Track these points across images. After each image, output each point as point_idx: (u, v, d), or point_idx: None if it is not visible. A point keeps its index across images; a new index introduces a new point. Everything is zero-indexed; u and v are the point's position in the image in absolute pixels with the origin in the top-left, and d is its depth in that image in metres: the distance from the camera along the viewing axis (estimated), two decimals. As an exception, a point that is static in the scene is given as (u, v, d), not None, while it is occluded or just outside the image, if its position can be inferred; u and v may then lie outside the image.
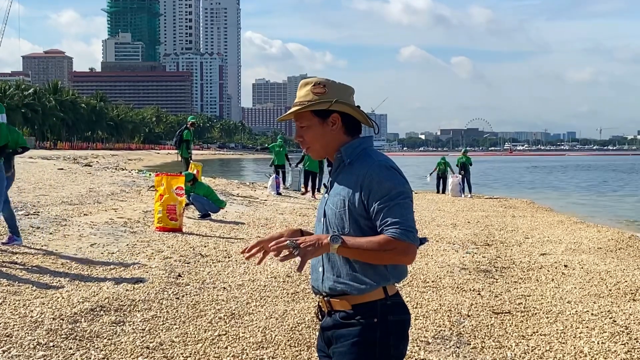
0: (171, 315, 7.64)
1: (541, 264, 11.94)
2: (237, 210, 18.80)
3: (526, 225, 18.17)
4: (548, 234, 16.27)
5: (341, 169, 3.16)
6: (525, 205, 26.14)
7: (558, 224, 18.90)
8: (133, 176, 32.32)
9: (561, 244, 14.62)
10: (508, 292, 9.59)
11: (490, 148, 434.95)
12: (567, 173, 71.50)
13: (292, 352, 6.62)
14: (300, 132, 3.19)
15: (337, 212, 3.07)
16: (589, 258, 12.68)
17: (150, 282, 9.13)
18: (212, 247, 12.33)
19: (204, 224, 15.53)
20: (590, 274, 11.05)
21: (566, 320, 8.09)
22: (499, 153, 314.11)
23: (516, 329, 7.70)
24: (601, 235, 16.13)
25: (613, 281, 10.48)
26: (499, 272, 11.16)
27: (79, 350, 6.30)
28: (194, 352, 6.47)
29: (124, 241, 12.29)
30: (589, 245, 14.39)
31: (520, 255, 12.97)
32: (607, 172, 72.21)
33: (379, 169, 3.02)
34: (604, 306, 8.82)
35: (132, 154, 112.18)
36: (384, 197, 2.96)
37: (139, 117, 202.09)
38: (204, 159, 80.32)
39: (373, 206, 2.98)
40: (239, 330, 7.26)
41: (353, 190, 3.04)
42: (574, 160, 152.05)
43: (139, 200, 19.56)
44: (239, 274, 10.08)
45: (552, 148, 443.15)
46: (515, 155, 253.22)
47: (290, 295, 8.92)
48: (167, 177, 14.48)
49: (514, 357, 6.70)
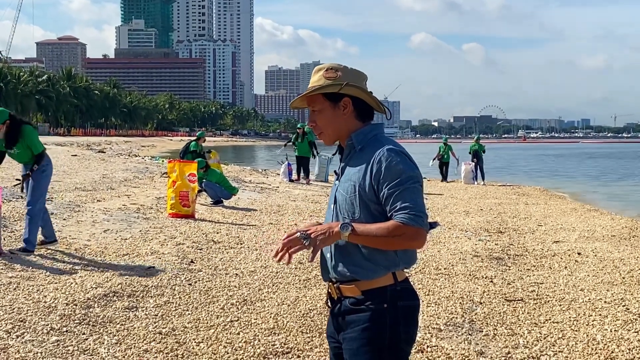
0: (184, 301, 7.67)
1: (554, 252, 11.90)
2: (250, 197, 18.82)
3: (539, 213, 18.09)
4: (561, 222, 16.21)
5: (352, 155, 3.16)
6: (539, 192, 26.03)
7: (571, 211, 18.82)
8: (146, 163, 32.40)
9: (574, 231, 14.56)
10: (521, 280, 9.56)
11: (503, 135, 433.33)
12: (581, 162, 71.20)
13: (303, 339, 6.63)
14: (313, 116, 3.20)
15: (348, 198, 3.07)
16: (602, 246, 12.63)
17: (162, 268, 9.16)
18: (225, 233, 12.36)
19: (216, 210, 15.56)
20: (603, 262, 11.00)
21: (579, 308, 8.06)
22: (512, 140, 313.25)
23: (528, 317, 7.68)
24: (615, 223, 16.05)
25: (627, 269, 10.43)
26: (511, 259, 11.12)
27: (92, 335, 6.33)
28: (206, 337, 6.48)
29: (136, 227, 12.32)
30: (603, 233, 14.32)
31: (533, 242, 12.93)
32: (624, 161, 71.88)
33: (388, 153, 3.01)
34: (617, 294, 8.79)
35: (145, 141, 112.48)
36: (393, 181, 2.96)
37: (152, 104, 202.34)
38: (217, 146, 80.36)
39: (383, 191, 2.98)
40: (251, 316, 7.28)
41: (363, 175, 3.04)
42: (588, 148, 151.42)
43: (152, 186, 19.61)
44: (251, 261, 10.10)
45: (566, 135, 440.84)
46: (528, 143, 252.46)
47: (302, 282, 8.92)
48: (180, 164, 14.51)
49: (526, 344, 6.68)
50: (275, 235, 12.57)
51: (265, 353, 6.17)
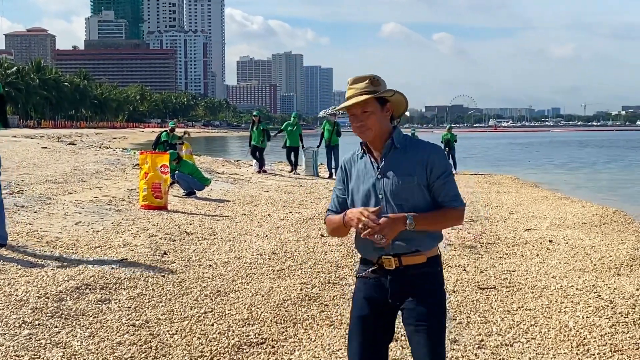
0: (157, 293, 7.64)
1: (526, 240, 11.98)
2: (222, 188, 18.78)
3: (511, 201, 18.21)
4: (533, 210, 16.33)
5: (393, 152, 3.77)
6: (510, 181, 26.18)
7: (543, 199, 18.96)
8: (118, 154, 32.21)
9: (546, 219, 14.67)
10: (493, 268, 9.62)
11: (475, 124, 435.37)
12: (551, 150, 71.72)
13: (278, 329, 6.63)
14: (362, 117, 3.72)
15: (405, 187, 3.71)
16: (573, 233, 12.74)
17: (135, 260, 9.11)
18: (198, 224, 12.32)
19: (189, 201, 15.51)
20: (575, 249, 11.10)
21: (551, 295, 8.13)
22: (483, 129, 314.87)
23: (501, 304, 7.73)
24: (586, 211, 16.19)
25: (597, 256, 10.53)
26: (484, 247, 11.19)
27: (65, 328, 6.29)
28: (180, 329, 6.46)
29: (109, 219, 12.25)
30: (574, 221, 14.45)
31: (506, 230, 13.01)
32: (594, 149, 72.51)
33: (437, 152, 3.78)
34: (588, 281, 8.86)
35: (117, 133, 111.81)
36: (443, 173, 3.73)
37: (122, 96, 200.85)
38: (189, 137, 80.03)
39: (435, 181, 3.71)
40: (224, 307, 7.27)
41: (420, 169, 3.71)
42: (558, 136, 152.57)
43: (124, 178, 19.49)
44: (225, 252, 10.08)
45: (536, 124, 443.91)
46: (500, 132, 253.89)
47: (276, 272, 8.92)
48: (152, 155, 14.44)
49: (499, 331, 6.73)
50: (248, 225, 12.55)
51: (239, 344, 6.16)
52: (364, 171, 3.83)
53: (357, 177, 3.86)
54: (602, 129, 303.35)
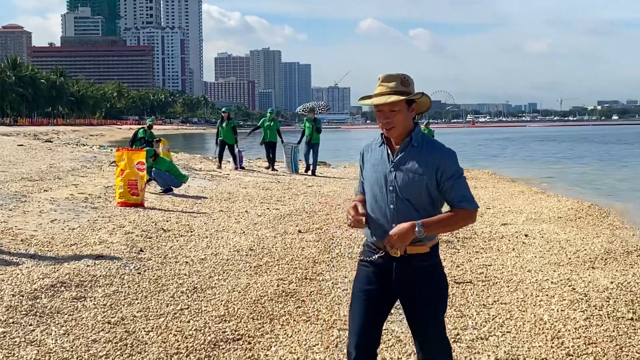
0: (133, 290, 7.61)
1: (502, 234, 12.04)
2: (200, 184, 18.72)
3: (488, 196, 18.29)
4: (509, 204, 16.41)
5: (409, 149, 3.95)
6: (487, 176, 26.28)
7: (519, 194, 19.05)
8: (94, 152, 32.05)
9: (522, 213, 14.75)
10: (469, 262, 9.67)
11: (452, 120, 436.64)
12: (528, 145, 72.07)
13: (254, 325, 6.63)
14: (390, 115, 3.92)
15: (414, 184, 3.90)
16: (549, 227, 12.82)
17: (111, 257, 9.07)
18: (175, 221, 12.28)
19: (166, 198, 15.46)
20: (550, 243, 11.17)
21: (526, 289, 8.18)
22: (461, 125, 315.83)
23: (477, 298, 7.77)
24: (561, 205, 16.29)
25: (573, 250, 10.60)
26: (460, 242, 11.22)
27: (40, 326, 6.25)
28: (156, 326, 6.45)
29: (84, 217, 12.18)
30: (550, 215, 14.54)
31: (482, 225, 13.06)
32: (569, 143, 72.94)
33: (450, 154, 3.94)
34: (563, 274, 8.93)
35: (94, 130, 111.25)
36: (453, 175, 3.89)
37: (100, 93, 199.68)
38: (167, 134, 79.81)
39: (445, 183, 3.89)
40: (201, 304, 7.25)
41: (431, 171, 3.88)
42: (535, 131, 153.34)
43: (101, 175, 19.40)
44: (202, 248, 10.06)
45: (513, 119, 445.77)
46: (477, 127, 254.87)
47: (253, 269, 8.92)
48: (128, 152, 14.38)
49: (475, 325, 6.76)
50: (225, 222, 12.53)
51: (215, 340, 6.15)
52: (379, 160, 4.05)
53: (372, 164, 4.09)
54: (578, 124, 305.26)
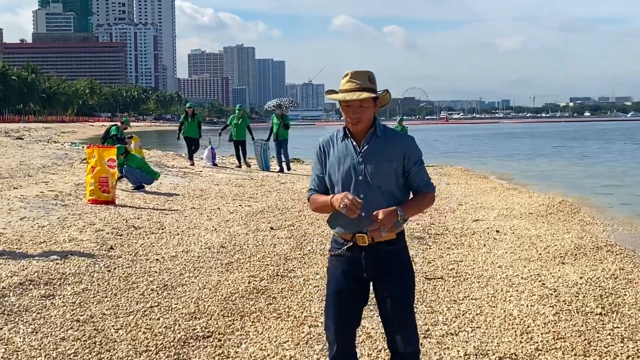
0: (102, 288, 7.56)
1: (474, 230, 12.10)
2: (172, 181, 18.63)
3: (460, 192, 18.36)
4: (481, 201, 16.49)
5: (373, 139, 4.16)
6: (460, 172, 26.36)
7: (491, 190, 19.15)
8: (66, 149, 31.79)
9: (494, 210, 14.83)
10: (441, 258, 9.71)
11: (426, 117, 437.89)
12: (500, 141, 72.44)
13: (225, 322, 6.61)
14: (359, 110, 4.11)
15: (384, 171, 4.11)
16: (520, 223, 12.90)
17: (81, 255, 9.01)
18: (146, 219, 12.21)
19: (137, 195, 15.36)
20: (521, 239, 11.24)
21: (497, 285, 8.22)
22: (435, 122, 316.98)
23: (448, 294, 7.80)
24: (533, 201, 16.40)
25: (543, 245, 10.68)
26: (432, 238, 11.27)
27: (7, 324, 6.20)
28: (125, 324, 6.41)
29: (54, 214, 12.08)
30: (521, 211, 14.63)
31: (454, 221, 13.12)
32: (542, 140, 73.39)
33: (413, 140, 4.24)
34: (533, 270, 8.99)
35: (66, 127, 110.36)
36: (417, 162, 4.18)
37: (72, 89, 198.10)
38: (140, 131, 79.31)
39: (411, 168, 4.15)
40: (171, 301, 7.22)
41: (399, 155, 4.13)
42: (508, 128, 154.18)
43: (71, 173, 19.26)
44: (173, 246, 10.02)
45: (487, 116, 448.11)
46: (451, 124, 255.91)
47: (224, 266, 8.90)
48: (99, 149, 14.27)
49: (445, 321, 6.79)
50: (197, 219, 12.49)
51: (185, 338, 6.13)
52: (345, 153, 4.20)
53: (336, 157, 4.22)
54: (551, 121, 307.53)
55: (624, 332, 6.50)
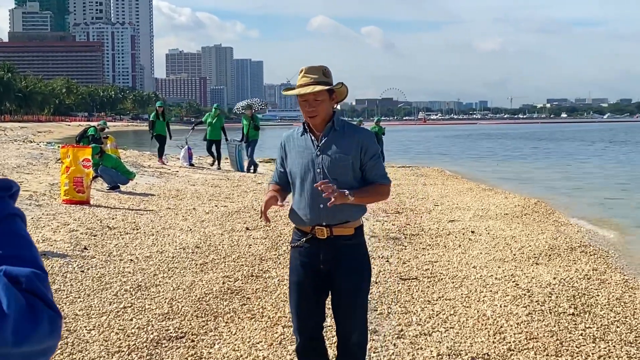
0: (75, 289, 7.52)
1: (449, 231, 12.14)
2: (148, 182, 18.54)
3: (436, 193, 18.40)
4: (457, 201, 16.54)
5: (332, 133, 4.29)
6: (437, 173, 26.44)
7: (467, 191, 19.21)
8: (41, 148, 31.56)
9: (469, 210, 14.88)
10: (416, 259, 9.73)
11: (404, 117, 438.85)
12: (478, 142, 72.76)
13: (198, 323, 6.60)
14: (314, 104, 4.21)
15: (341, 164, 4.23)
16: (495, 224, 12.96)
17: (54, 255, 8.95)
18: (120, 219, 12.15)
19: (112, 196, 15.28)
20: (496, 240, 11.29)
21: (471, 285, 8.26)
22: (413, 122, 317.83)
23: (422, 295, 7.82)
24: (508, 202, 16.47)
25: (518, 246, 10.74)
26: (408, 239, 11.30)
27: (-23, 326, 6.13)
28: (97, 324, 6.38)
29: (28, 215, 11.97)
30: (496, 212, 14.69)
31: (430, 222, 13.15)
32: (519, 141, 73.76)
33: (370, 134, 4.43)
34: (507, 270, 9.04)
35: (42, 126, 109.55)
36: (374, 155, 4.30)
37: (48, 89, 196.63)
38: (117, 131, 78.97)
39: (368, 162, 4.27)
40: (145, 302, 7.19)
41: (355, 149, 4.25)
42: (485, 129, 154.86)
43: (46, 172, 19.12)
44: (147, 246, 9.97)
45: (464, 117, 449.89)
46: (429, 125, 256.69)
47: (198, 266, 8.87)
48: (74, 149, 14.18)
49: (419, 321, 6.80)
50: (172, 220, 12.44)
51: (158, 338, 6.11)
52: (304, 147, 4.34)
53: (296, 152, 4.35)
54: (528, 122, 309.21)
55: (595, 332, 6.56)
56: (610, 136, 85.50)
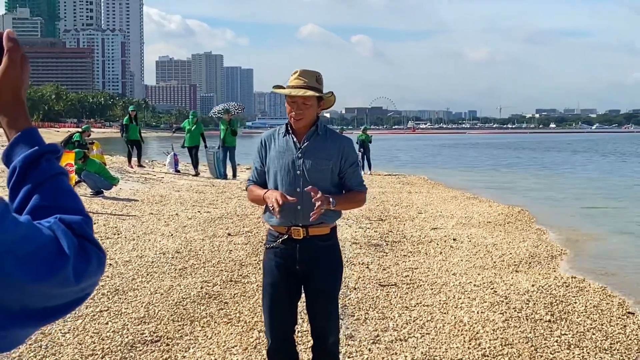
0: (52, 292, 7.48)
1: (431, 238, 12.16)
2: (132, 187, 18.47)
3: (421, 201, 18.42)
4: (441, 209, 16.56)
5: (315, 138, 4.37)
6: (422, 181, 26.43)
7: (452, 199, 19.23)
8: (27, 154, 31.45)
9: (453, 218, 14.91)
10: (396, 265, 9.74)
11: (394, 126, 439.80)
12: (464, 151, 72.89)
13: (174, 327, 6.59)
14: (302, 107, 4.28)
15: (321, 168, 4.33)
16: (478, 231, 12.99)
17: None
18: (102, 224, 12.10)
19: (95, 201, 15.20)
20: (477, 247, 11.32)
21: (449, 292, 8.28)
22: (402, 131, 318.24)
23: (400, 301, 7.83)
24: (492, 210, 16.52)
25: (499, 253, 10.77)
26: (389, 246, 11.31)
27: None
28: (72, 328, 6.36)
29: (10, 219, 11.93)
30: (479, 220, 14.72)
31: (412, 229, 13.17)
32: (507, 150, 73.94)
33: (351, 142, 4.52)
34: (487, 277, 9.06)
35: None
36: (353, 163, 4.43)
37: (37, 95, 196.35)
38: (106, 137, 78.83)
39: (347, 169, 4.39)
40: (121, 305, 7.18)
41: (336, 155, 4.36)
42: (474, 138, 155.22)
43: (31, 177, 19.03)
44: (127, 251, 9.95)
45: (453, 126, 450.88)
46: (418, 134, 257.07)
47: (177, 271, 8.86)
48: (56, 154, 14.13)
49: (395, 327, 6.82)
50: (154, 225, 12.40)
51: (133, 342, 6.11)
52: (285, 148, 4.39)
53: (276, 152, 4.40)
54: (517, 132, 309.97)
55: (571, 338, 6.58)
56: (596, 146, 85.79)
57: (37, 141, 1.47)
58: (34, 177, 1.43)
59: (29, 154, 1.44)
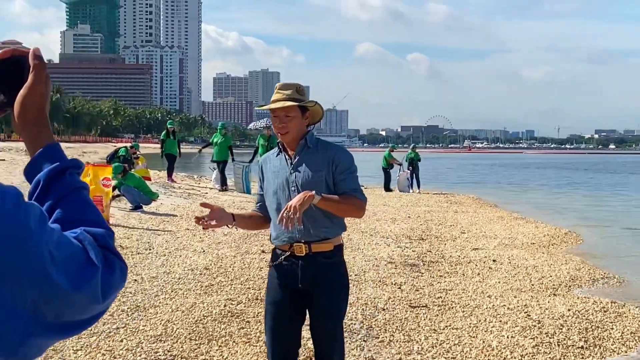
0: (71, 308, 7.37)
1: (470, 259, 11.85)
2: (174, 202, 18.42)
3: (466, 221, 18.08)
4: (485, 229, 16.21)
5: (305, 151, 4.27)
6: (471, 201, 26.04)
7: (498, 219, 18.84)
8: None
9: (496, 239, 14.56)
10: (430, 286, 9.47)
11: (450, 145, 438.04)
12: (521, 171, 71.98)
13: (190, 346, 6.42)
14: (285, 120, 4.20)
15: (314, 180, 4.19)
16: (519, 253, 12.63)
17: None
18: (136, 239, 12.03)
19: (133, 215, 15.16)
20: (516, 269, 10.98)
21: (481, 315, 7.98)
22: (457, 150, 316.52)
23: (429, 323, 7.57)
24: (538, 231, 16.10)
25: (538, 276, 10.43)
26: (426, 266, 11.04)
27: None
28: (86, 345, 6.24)
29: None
30: (523, 241, 14.35)
31: (452, 249, 12.87)
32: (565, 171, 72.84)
33: (342, 150, 4.36)
34: (522, 300, 8.74)
35: (88, 147, 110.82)
36: (347, 169, 4.25)
37: (96, 110, 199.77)
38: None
39: (339, 175, 4.23)
40: (139, 323, 7.04)
41: (327, 165, 4.23)
42: (530, 158, 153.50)
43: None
44: (156, 267, 9.83)
45: (510, 146, 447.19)
46: (474, 153, 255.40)
47: (203, 288, 8.70)
48: (94, 168, 14.12)
49: (420, 350, 6.56)
50: (188, 240, 12.29)
51: (145, 361, 5.94)
52: (279, 167, 4.33)
53: (272, 172, 4.36)
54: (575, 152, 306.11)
55: (602, 367, 6.25)
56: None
57: (59, 156, 1.52)
58: (57, 190, 1.48)
59: (53, 168, 1.49)
